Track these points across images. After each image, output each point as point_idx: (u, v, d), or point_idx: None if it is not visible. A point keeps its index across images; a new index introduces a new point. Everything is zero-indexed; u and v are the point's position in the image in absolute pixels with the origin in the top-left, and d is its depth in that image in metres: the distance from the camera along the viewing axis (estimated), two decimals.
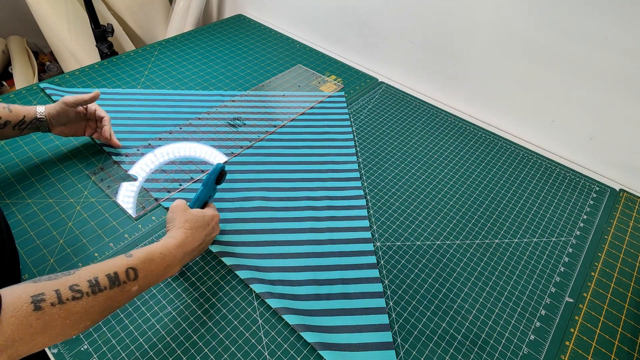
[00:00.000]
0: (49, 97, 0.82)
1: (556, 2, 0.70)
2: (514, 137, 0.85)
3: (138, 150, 0.73)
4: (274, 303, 0.53)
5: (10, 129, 0.60)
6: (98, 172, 0.68)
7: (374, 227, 0.64)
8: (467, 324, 0.54)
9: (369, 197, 0.69)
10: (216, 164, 0.56)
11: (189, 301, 0.53)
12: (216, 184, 0.57)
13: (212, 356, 0.48)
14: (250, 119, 0.83)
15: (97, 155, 0.71)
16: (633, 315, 0.56)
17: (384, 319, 0.52)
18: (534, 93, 0.80)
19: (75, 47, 1.27)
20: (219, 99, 0.87)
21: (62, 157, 0.70)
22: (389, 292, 0.56)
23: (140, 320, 0.51)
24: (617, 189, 0.75)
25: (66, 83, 0.88)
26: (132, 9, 1.36)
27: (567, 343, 0.52)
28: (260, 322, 0.52)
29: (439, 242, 0.63)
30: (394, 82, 0.99)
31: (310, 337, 0.50)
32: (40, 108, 0.63)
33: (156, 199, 0.64)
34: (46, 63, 1.52)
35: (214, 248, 0.58)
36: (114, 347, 0.48)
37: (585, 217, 0.69)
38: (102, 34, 1.18)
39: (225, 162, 0.72)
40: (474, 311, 0.55)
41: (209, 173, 0.56)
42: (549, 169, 0.78)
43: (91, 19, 1.15)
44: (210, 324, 0.51)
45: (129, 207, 0.63)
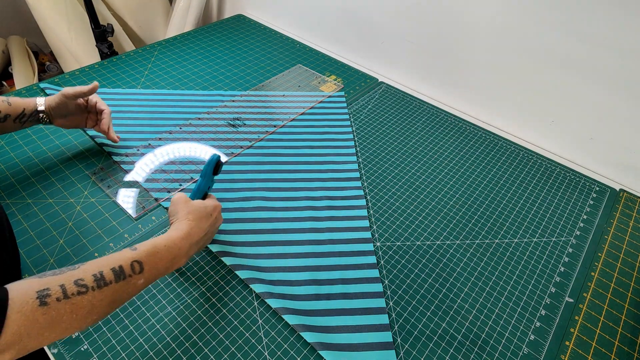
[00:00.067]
0: None
1: (556, 2, 0.70)
2: (514, 137, 0.85)
3: (138, 150, 0.73)
4: (274, 303, 0.53)
5: (11, 122, 0.60)
6: (98, 172, 0.68)
7: (374, 227, 0.64)
8: (467, 324, 0.54)
9: (369, 197, 0.69)
10: (212, 155, 0.56)
11: (189, 301, 0.53)
12: (213, 174, 0.57)
13: (212, 356, 0.48)
14: (250, 119, 0.83)
15: (97, 155, 0.71)
16: (633, 315, 0.56)
17: (384, 319, 0.52)
18: (534, 93, 0.80)
19: (75, 47, 1.27)
20: (219, 99, 0.87)
21: (62, 157, 0.70)
22: (389, 292, 0.56)
23: (140, 320, 0.51)
24: (617, 189, 0.75)
25: (66, 83, 0.88)
26: (132, 9, 1.36)
27: (567, 343, 0.52)
28: (260, 322, 0.52)
29: (439, 242, 0.63)
30: (394, 82, 0.99)
31: (310, 337, 0.50)
32: (40, 100, 0.63)
33: (156, 199, 0.65)
34: (46, 63, 1.52)
35: (214, 248, 0.58)
36: (114, 347, 0.48)
37: (585, 217, 0.69)
38: (102, 34, 1.18)
39: (225, 161, 0.72)
40: (474, 311, 0.55)
41: (205, 164, 0.55)
42: (549, 169, 0.78)
43: (91, 19, 1.15)
44: (210, 323, 0.51)
45: (129, 207, 0.63)
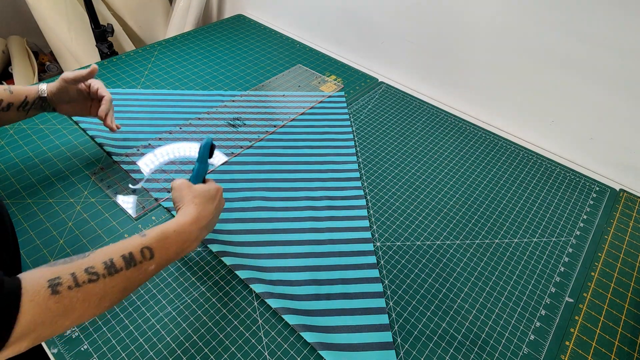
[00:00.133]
0: None
1: (556, 2, 0.70)
2: (514, 137, 0.85)
3: (138, 150, 0.73)
4: (274, 303, 0.53)
5: (15, 111, 0.59)
6: (98, 172, 0.68)
7: (374, 227, 0.64)
8: (467, 324, 0.54)
9: (369, 197, 0.69)
10: (206, 138, 0.55)
11: (189, 301, 0.53)
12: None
13: (212, 356, 0.48)
14: (250, 119, 0.83)
15: (97, 155, 0.71)
16: (633, 315, 0.56)
17: (384, 319, 0.52)
18: (534, 93, 0.80)
19: (75, 47, 1.27)
20: (219, 99, 0.87)
21: (62, 157, 0.70)
22: (389, 292, 0.56)
23: (140, 320, 0.51)
24: (617, 189, 0.75)
25: None
26: (132, 9, 1.36)
27: (567, 343, 0.52)
28: (260, 322, 0.52)
29: (439, 242, 0.63)
30: (394, 82, 0.99)
31: (310, 337, 0.50)
32: (42, 86, 0.62)
33: (156, 199, 0.64)
34: (46, 63, 1.52)
35: (214, 248, 0.58)
36: (114, 347, 0.48)
37: (585, 217, 0.69)
38: (102, 34, 1.18)
39: (225, 162, 0.72)
40: (474, 311, 0.55)
41: (201, 148, 0.55)
42: (549, 169, 0.78)
43: (91, 19, 1.15)
44: (210, 323, 0.51)
45: (129, 207, 0.63)
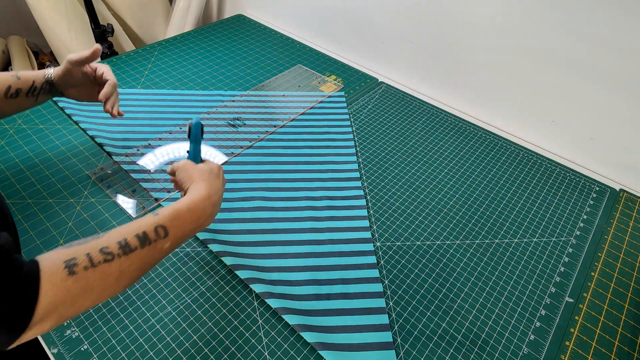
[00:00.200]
0: None
1: (556, 2, 0.70)
2: (514, 137, 0.85)
3: (138, 150, 0.73)
4: (274, 303, 0.53)
5: (24, 97, 0.59)
6: (98, 172, 0.68)
7: (374, 227, 0.64)
8: (467, 324, 0.54)
9: (369, 197, 0.69)
10: (194, 119, 0.54)
11: (189, 301, 0.53)
12: None
13: (212, 356, 0.48)
14: (250, 119, 0.83)
15: (97, 155, 0.71)
16: (633, 315, 0.56)
17: (384, 319, 0.52)
18: (534, 93, 0.80)
19: (75, 47, 1.26)
20: (219, 99, 0.87)
21: (62, 157, 0.70)
22: (389, 292, 0.56)
23: (140, 320, 0.51)
24: (617, 189, 0.75)
25: None
26: (132, 9, 1.36)
27: (567, 343, 0.52)
28: (260, 322, 0.52)
29: (439, 242, 0.63)
30: (394, 82, 0.99)
31: (310, 337, 0.50)
32: (49, 70, 0.62)
33: (156, 199, 0.64)
34: (46, 63, 1.52)
35: (214, 248, 0.58)
36: (114, 347, 0.48)
37: (585, 217, 0.69)
38: (102, 34, 1.18)
39: (225, 162, 0.72)
40: (474, 311, 0.55)
41: (192, 129, 0.54)
42: (549, 169, 0.78)
43: (91, 19, 1.15)
44: (210, 324, 0.51)
45: (129, 207, 0.63)
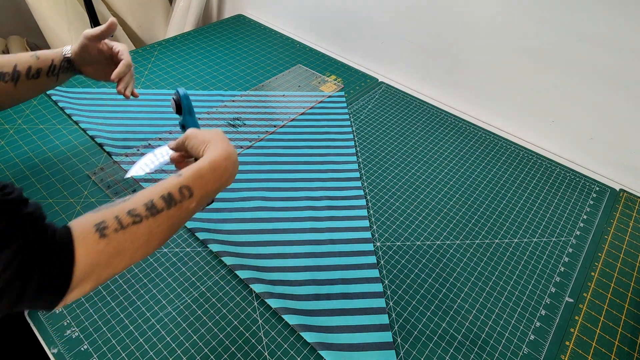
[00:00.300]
0: (49, 97, 0.82)
1: (556, 2, 0.70)
2: (514, 137, 0.85)
3: (138, 150, 0.73)
4: (274, 303, 0.53)
5: (45, 77, 0.59)
6: (98, 172, 0.68)
7: (374, 227, 0.64)
8: (467, 324, 0.54)
9: (369, 197, 0.69)
10: (180, 91, 0.53)
11: (189, 301, 0.53)
12: None
13: (212, 356, 0.48)
14: (250, 119, 0.83)
15: (97, 155, 0.71)
16: (633, 315, 0.56)
17: (384, 319, 0.52)
18: (534, 93, 0.80)
19: None
20: (219, 99, 0.87)
21: (62, 157, 0.70)
22: (389, 292, 0.56)
23: (140, 320, 0.51)
24: (617, 189, 0.75)
25: (66, 83, 0.87)
26: (132, 9, 1.36)
27: (567, 343, 0.52)
28: (260, 322, 0.52)
29: (439, 242, 0.63)
30: (394, 82, 0.99)
31: (310, 337, 0.50)
32: (67, 47, 0.62)
33: None
34: None
35: (214, 248, 0.58)
36: (114, 347, 0.48)
37: (585, 217, 0.69)
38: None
39: None
40: (474, 311, 0.55)
41: (182, 101, 0.53)
42: (549, 169, 0.78)
43: (91, 19, 1.15)
44: (210, 323, 0.51)
45: None
